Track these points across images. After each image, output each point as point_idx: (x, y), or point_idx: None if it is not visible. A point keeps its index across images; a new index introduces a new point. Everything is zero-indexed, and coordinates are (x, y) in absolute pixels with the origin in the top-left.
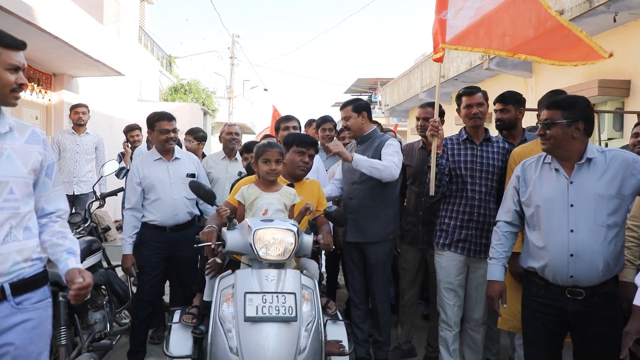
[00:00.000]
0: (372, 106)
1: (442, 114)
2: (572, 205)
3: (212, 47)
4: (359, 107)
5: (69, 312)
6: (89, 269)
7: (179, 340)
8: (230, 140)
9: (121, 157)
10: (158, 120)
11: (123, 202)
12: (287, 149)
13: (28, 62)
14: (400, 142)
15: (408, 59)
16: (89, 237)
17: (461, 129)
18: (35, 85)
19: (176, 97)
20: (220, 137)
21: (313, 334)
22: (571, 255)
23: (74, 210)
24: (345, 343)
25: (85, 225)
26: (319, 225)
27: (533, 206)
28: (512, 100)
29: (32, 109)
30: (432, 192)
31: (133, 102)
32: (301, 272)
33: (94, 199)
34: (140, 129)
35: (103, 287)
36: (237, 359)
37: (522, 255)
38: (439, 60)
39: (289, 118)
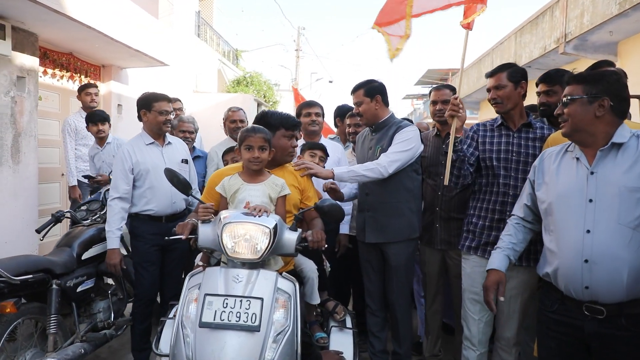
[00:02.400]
0: None
1: None
2: (590, 201)
3: (271, 40)
4: (372, 90)
5: (67, 301)
6: (97, 256)
7: (170, 337)
8: (234, 129)
9: None
10: (157, 101)
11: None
12: (273, 132)
13: (75, 53)
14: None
15: (480, 47)
16: (102, 225)
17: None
18: (83, 77)
19: (238, 89)
20: (224, 124)
21: (284, 345)
22: (585, 261)
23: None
24: (349, 354)
25: (102, 212)
26: (308, 220)
27: (547, 202)
28: (559, 81)
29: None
30: (446, 181)
31: (188, 93)
32: (280, 273)
33: None
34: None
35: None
36: None
37: (540, 262)
38: (468, 26)
39: (311, 104)
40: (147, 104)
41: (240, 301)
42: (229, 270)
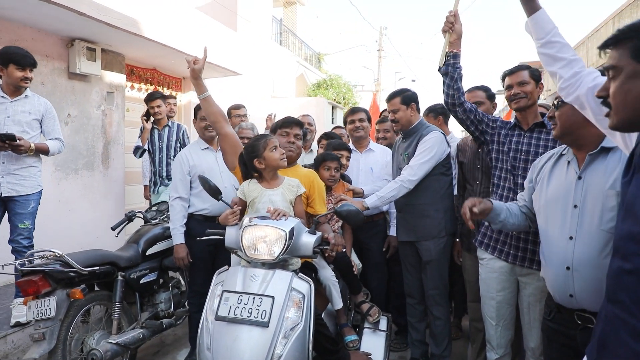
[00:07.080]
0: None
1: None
2: (575, 207)
3: (350, 42)
4: (408, 99)
5: (132, 291)
6: (161, 252)
7: None
8: None
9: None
10: (200, 109)
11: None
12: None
13: (158, 68)
14: None
15: (574, 36)
16: (166, 224)
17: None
18: (165, 89)
19: (318, 92)
20: None
21: (294, 342)
22: (567, 268)
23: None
24: (379, 355)
25: (169, 212)
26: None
27: (538, 206)
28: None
29: None
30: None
31: (266, 99)
32: (296, 273)
33: None
34: (163, 97)
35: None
36: (210, 357)
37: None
38: None
39: (354, 110)
40: (195, 113)
41: (254, 298)
42: (248, 270)
